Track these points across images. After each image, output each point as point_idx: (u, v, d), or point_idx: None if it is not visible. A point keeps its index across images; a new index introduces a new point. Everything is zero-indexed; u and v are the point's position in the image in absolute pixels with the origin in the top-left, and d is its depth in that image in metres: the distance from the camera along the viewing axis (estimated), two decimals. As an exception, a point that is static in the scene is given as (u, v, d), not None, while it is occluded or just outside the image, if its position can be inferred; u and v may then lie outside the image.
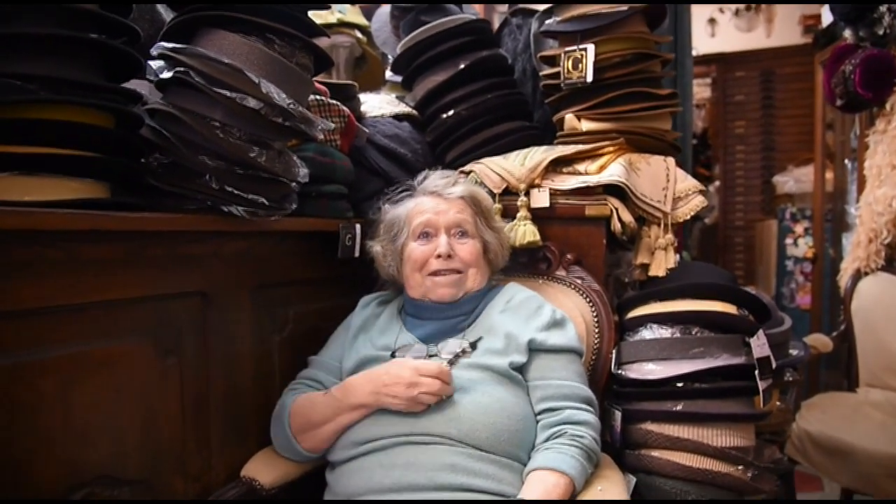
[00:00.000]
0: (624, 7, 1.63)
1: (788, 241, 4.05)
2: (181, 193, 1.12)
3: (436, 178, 1.44)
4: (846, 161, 3.37)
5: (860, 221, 2.65)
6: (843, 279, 2.71)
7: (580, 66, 1.65)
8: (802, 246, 3.95)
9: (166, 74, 1.13)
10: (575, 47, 1.64)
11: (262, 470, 1.25)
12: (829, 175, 3.66)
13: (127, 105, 1.09)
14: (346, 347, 1.36)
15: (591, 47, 1.62)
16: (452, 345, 1.30)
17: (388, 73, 2.22)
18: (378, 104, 1.87)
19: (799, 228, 4.00)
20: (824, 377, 3.42)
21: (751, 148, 4.87)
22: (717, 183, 5.14)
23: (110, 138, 1.05)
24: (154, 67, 1.14)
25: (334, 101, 1.51)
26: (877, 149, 2.55)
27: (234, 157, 1.13)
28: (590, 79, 1.63)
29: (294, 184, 1.27)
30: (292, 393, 1.31)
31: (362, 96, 1.85)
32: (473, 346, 1.28)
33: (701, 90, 5.41)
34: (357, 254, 1.54)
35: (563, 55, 1.67)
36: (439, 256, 1.33)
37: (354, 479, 1.17)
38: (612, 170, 1.57)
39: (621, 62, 1.67)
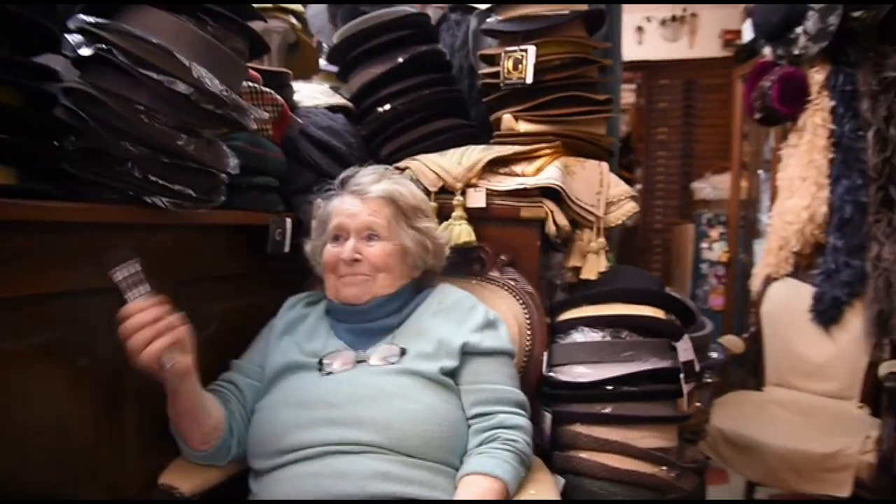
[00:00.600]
0: (566, 10, 1.65)
1: (704, 245, 4.25)
2: (100, 182, 1.03)
3: (360, 176, 1.38)
4: (759, 171, 3.56)
5: (772, 230, 2.81)
6: (755, 284, 2.86)
7: (520, 66, 1.65)
8: (717, 250, 4.15)
9: (86, 51, 1.03)
10: (516, 48, 1.64)
11: (182, 477, 1.18)
12: (743, 184, 3.85)
13: (38, 82, 1.00)
14: (270, 350, 1.31)
15: (532, 49, 1.62)
16: (381, 350, 1.26)
17: (323, 62, 2.15)
18: (312, 94, 1.81)
19: (714, 233, 4.20)
20: (732, 375, 3.60)
21: (671, 154, 5.07)
22: (639, 186, 5.32)
23: (19, 118, 0.95)
24: (72, 42, 1.05)
25: (268, 89, 1.45)
26: (789, 162, 2.70)
27: (159, 145, 1.05)
28: (530, 80, 1.64)
29: (223, 175, 1.20)
30: None
31: (295, 85, 1.77)
32: (403, 351, 1.25)
33: (626, 95, 5.58)
34: (287, 249, 1.49)
35: (503, 55, 1.66)
36: (344, 260, 1.29)
37: (281, 489, 1.12)
38: (549, 173, 1.57)
39: (561, 65, 1.68)
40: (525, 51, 1.63)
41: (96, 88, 1.02)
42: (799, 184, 2.62)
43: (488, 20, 1.79)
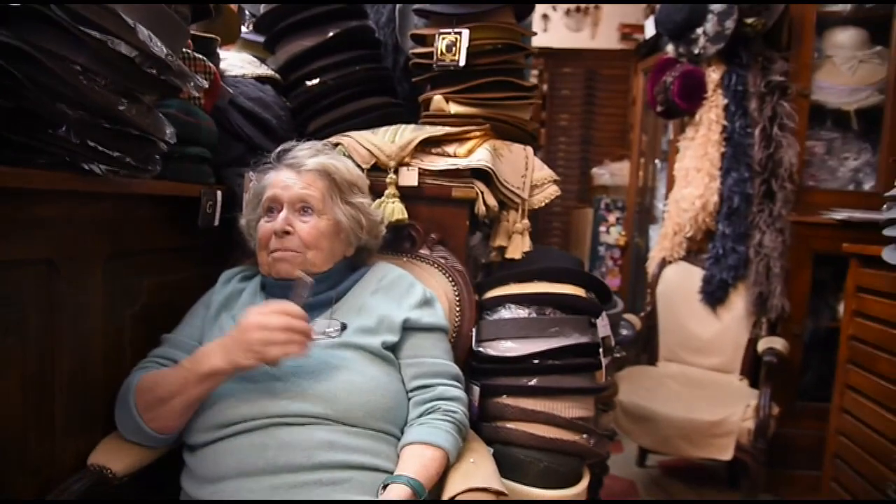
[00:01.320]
0: (499, -3, 1.69)
1: (602, 228, 4.48)
2: (31, 145, 0.96)
3: (296, 150, 1.36)
4: (656, 161, 3.80)
5: (667, 216, 3.02)
6: (651, 266, 3.07)
7: (454, 49, 1.67)
8: (614, 234, 4.39)
9: (14, 3, 0.96)
10: (450, 30, 1.67)
11: (113, 456, 1.14)
12: (640, 172, 4.09)
13: (-38, 34, 0.92)
14: (207, 326, 1.28)
15: (466, 32, 1.65)
16: (321, 324, 1.26)
17: (244, 30, 2.07)
18: (239, 63, 1.75)
19: (612, 218, 4.44)
20: (627, 350, 3.85)
21: (572, 140, 5.27)
22: (541, 170, 5.51)
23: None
24: (-3, -8, 0.96)
25: (200, 56, 1.39)
26: (686, 153, 2.91)
27: (99, 109, 0.99)
28: (462, 63, 1.67)
29: (162, 143, 1.15)
30: (140, 371, 1.19)
31: (221, 53, 1.71)
32: (344, 325, 1.26)
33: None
34: (217, 222, 1.45)
35: (437, 36, 1.68)
36: (275, 233, 1.28)
37: (222, 461, 1.10)
38: (480, 154, 1.62)
39: (492, 50, 1.72)
40: (459, 34, 1.66)
41: (28, 44, 0.95)
42: (694, 174, 2.83)
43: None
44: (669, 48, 2.90)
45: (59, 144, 0.98)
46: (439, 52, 1.69)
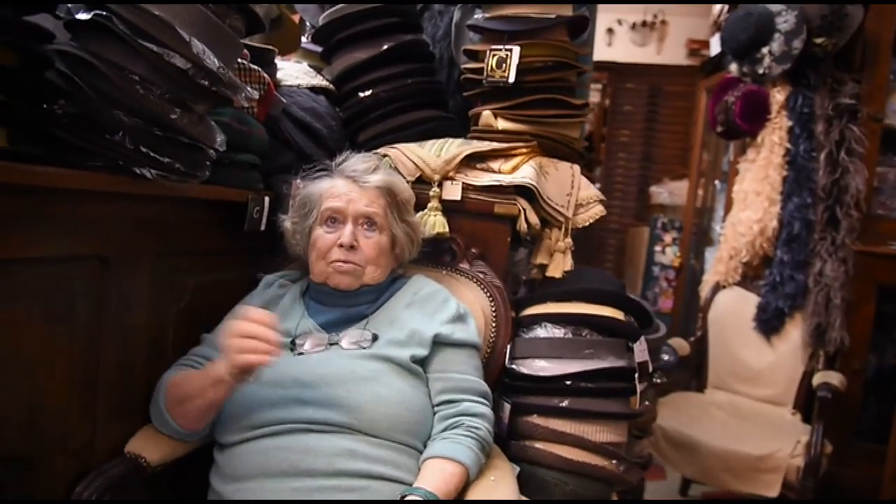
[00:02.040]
0: (552, 15, 1.69)
1: (657, 248, 4.39)
2: (89, 149, 1.03)
3: (356, 162, 1.40)
4: (716, 182, 3.70)
5: (724, 239, 2.93)
6: (704, 290, 2.99)
7: (504, 65, 1.68)
8: (669, 254, 4.29)
9: (83, 16, 1.02)
10: (501, 47, 1.68)
11: (148, 446, 1.19)
12: (699, 192, 3.99)
13: (33, 43, 0.99)
14: None
15: (517, 49, 1.66)
16: (353, 334, 1.29)
17: (304, 40, 2.14)
18: (295, 73, 1.80)
19: (668, 238, 4.34)
20: (676, 375, 3.75)
21: (632, 157, 5.20)
22: (598, 185, 5.44)
23: (12, 79, 0.94)
24: (68, 5, 1.04)
25: (256, 67, 1.45)
26: (745, 175, 2.82)
27: (153, 117, 1.05)
28: (512, 80, 1.67)
29: (211, 151, 1.20)
30: (176, 368, 1.25)
31: (278, 63, 1.77)
32: (375, 336, 1.29)
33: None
34: (263, 227, 1.50)
35: (488, 52, 1.69)
36: (341, 246, 1.31)
37: (247, 461, 1.15)
38: (524, 171, 1.62)
39: (543, 67, 1.72)
40: (510, 50, 1.66)
41: (92, 54, 1.01)
42: (753, 197, 2.74)
43: (475, 16, 1.82)
44: (733, 67, 2.83)
45: (115, 149, 1.04)
46: (490, 67, 1.70)
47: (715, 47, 3.45)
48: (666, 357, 1.89)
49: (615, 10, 5.07)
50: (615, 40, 5.14)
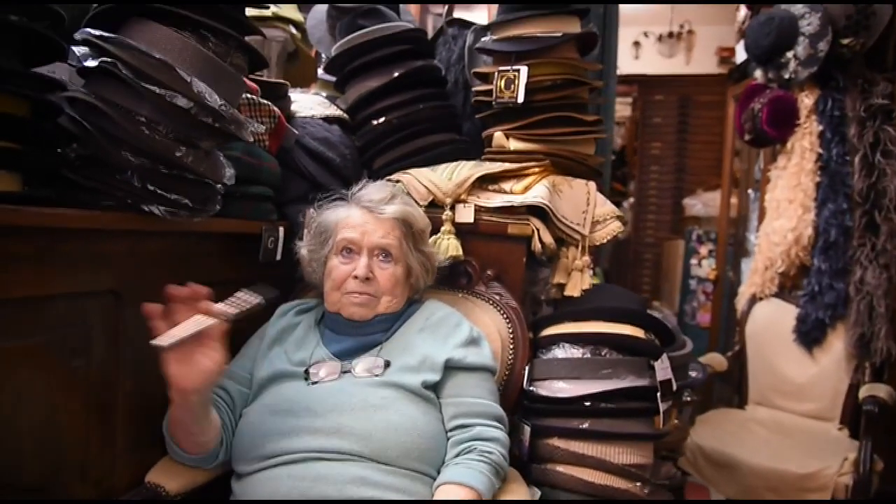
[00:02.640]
0: (558, 33, 1.69)
1: (693, 261, 4.29)
2: (99, 189, 1.07)
3: (372, 192, 1.41)
4: (749, 190, 3.61)
5: (758, 249, 2.85)
6: (740, 302, 2.91)
7: (512, 86, 1.69)
8: (706, 267, 4.19)
9: (91, 63, 1.07)
10: (509, 68, 1.69)
11: (168, 476, 1.22)
12: (733, 201, 3.90)
13: (44, 93, 1.04)
14: (260, 358, 1.34)
15: (524, 69, 1.66)
16: (366, 361, 1.30)
17: (321, 72, 2.19)
18: (309, 104, 1.85)
19: (703, 250, 4.24)
20: (717, 391, 3.65)
21: (665, 169, 5.12)
22: (632, 199, 5.36)
23: (24, 127, 0.99)
24: (78, 54, 1.09)
25: (265, 101, 1.48)
26: (777, 183, 2.75)
27: (159, 156, 1.09)
28: (521, 100, 1.68)
29: (219, 185, 1.24)
30: None
31: (293, 95, 1.82)
32: (388, 363, 1.29)
33: (622, 108, 5.64)
34: (279, 257, 1.53)
35: (496, 74, 1.71)
36: (356, 278, 1.32)
37: (261, 490, 1.16)
38: (536, 191, 1.61)
39: (552, 86, 1.72)
40: (517, 71, 1.67)
41: (99, 99, 1.06)
42: (786, 205, 2.67)
43: (483, 39, 1.83)
44: (758, 73, 2.77)
45: (123, 188, 1.08)
46: (498, 89, 1.71)
47: (741, 54, 3.39)
48: (693, 374, 1.84)
49: (639, 22, 5.04)
50: (642, 53, 5.11)
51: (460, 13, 2.77)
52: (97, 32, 1.07)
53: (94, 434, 1.13)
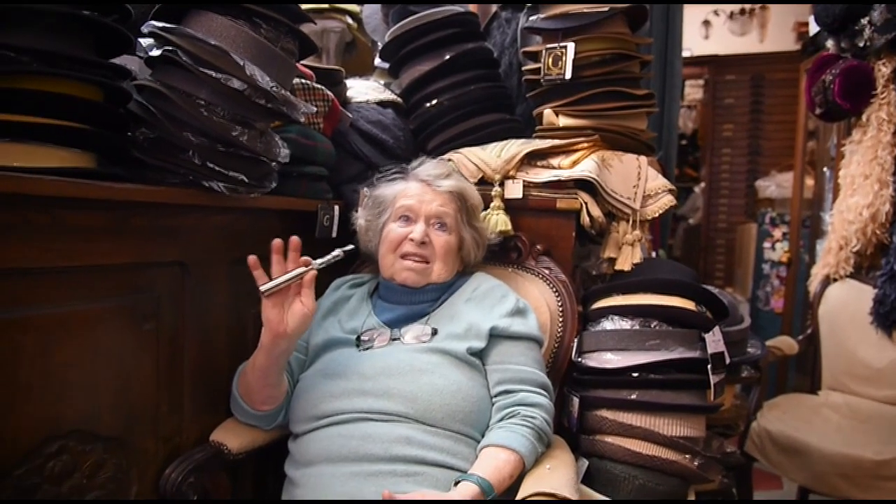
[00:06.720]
0: (605, 8, 1.69)
1: (766, 245, 4.12)
2: (164, 167, 1.17)
3: (430, 167, 1.49)
4: (825, 169, 3.44)
5: (832, 229, 2.73)
6: (813, 284, 2.79)
7: (560, 63, 1.70)
8: (780, 250, 4.02)
9: (155, 52, 1.17)
10: (556, 45, 1.70)
11: (230, 436, 1.31)
12: (809, 182, 3.73)
13: (115, 80, 1.14)
14: (315, 328, 1.41)
15: (571, 45, 1.67)
16: (415, 329, 1.36)
17: (377, 60, 2.26)
18: (364, 90, 1.92)
19: (777, 233, 4.07)
20: (792, 379, 3.51)
21: (737, 151, 4.94)
22: (703, 184, 5.20)
23: (98, 111, 1.10)
24: (144, 45, 1.19)
25: (319, 86, 1.56)
26: (852, 158, 2.62)
27: (216, 135, 1.17)
28: (568, 76, 1.69)
29: (274, 163, 1.32)
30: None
31: (349, 81, 1.89)
32: (435, 331, 1.35)
33: (693, 91, 5.47)
34: (334, 234, 1.60)
35: (544, 52, 1.72)
36: (412, 240, 1.39)
37: (313, 447, 1.23)
38: (585, 165, 1.62)
39: (600, 61, 1.72)
40: (564, 48, 1.68)
41: (163, 85, 1.16)
42: (861, 181, 2.53)
43: (531, 18, 1.85)
44: (829, 43, 2.65)
45: (186, 166, 1.17)
46: (546, 66, 1.72)
47: (814, 26, 3.24)
48: (751, 350, 1.80)
49: None
50: (712, 32, 4.94)
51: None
52: (160, 24, 1.16)
53: (163, 393, 1.23)
